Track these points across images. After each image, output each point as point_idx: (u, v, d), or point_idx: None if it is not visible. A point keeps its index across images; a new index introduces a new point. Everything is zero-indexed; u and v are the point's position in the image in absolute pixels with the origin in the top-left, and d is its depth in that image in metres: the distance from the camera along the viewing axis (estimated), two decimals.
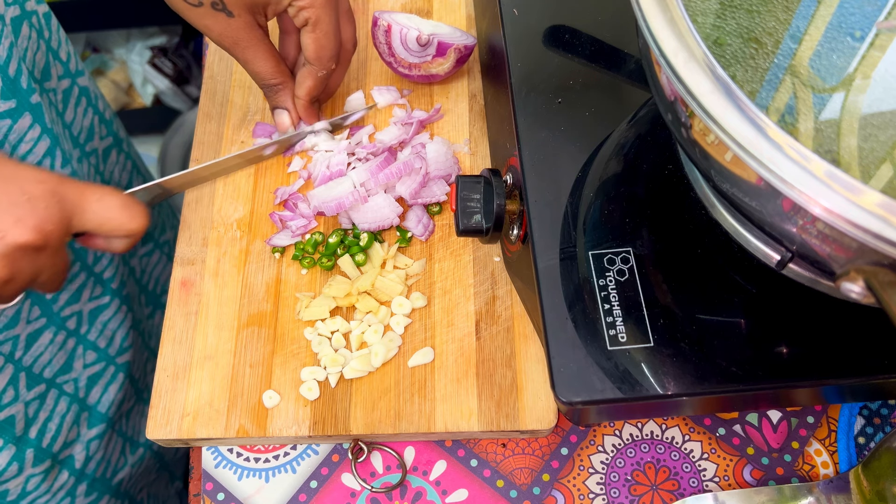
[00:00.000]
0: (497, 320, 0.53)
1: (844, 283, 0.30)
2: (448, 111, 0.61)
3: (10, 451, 0.59)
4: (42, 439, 0.63)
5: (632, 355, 0.40)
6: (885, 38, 0.36)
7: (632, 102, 0.49)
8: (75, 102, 0.65)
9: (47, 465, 0.63)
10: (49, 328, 0.62)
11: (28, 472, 0.62)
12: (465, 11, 0.66)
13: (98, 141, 0.71)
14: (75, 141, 0.66)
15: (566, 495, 0.50)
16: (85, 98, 0.67)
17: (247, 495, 0.51)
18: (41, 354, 0.62)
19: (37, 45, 0.59)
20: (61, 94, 0.63)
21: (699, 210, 0.44)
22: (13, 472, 0.60)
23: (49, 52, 0.61)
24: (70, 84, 0.64)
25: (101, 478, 0.71)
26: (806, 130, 0.34)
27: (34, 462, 0.62)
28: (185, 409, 0.51)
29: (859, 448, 0.50)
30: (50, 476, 0.64)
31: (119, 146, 0.76)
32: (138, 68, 1.52)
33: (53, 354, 0.63)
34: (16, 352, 0.59)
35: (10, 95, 0.53)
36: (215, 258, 0.56)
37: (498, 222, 0.48)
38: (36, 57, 0.58)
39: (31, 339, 0.60)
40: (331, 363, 0.51)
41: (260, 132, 0.61)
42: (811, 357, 0.41)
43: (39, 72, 0.59)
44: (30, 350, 0.60)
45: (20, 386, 0.60)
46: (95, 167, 0.70)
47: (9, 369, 0.58)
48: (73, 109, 0.65)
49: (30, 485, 0.62)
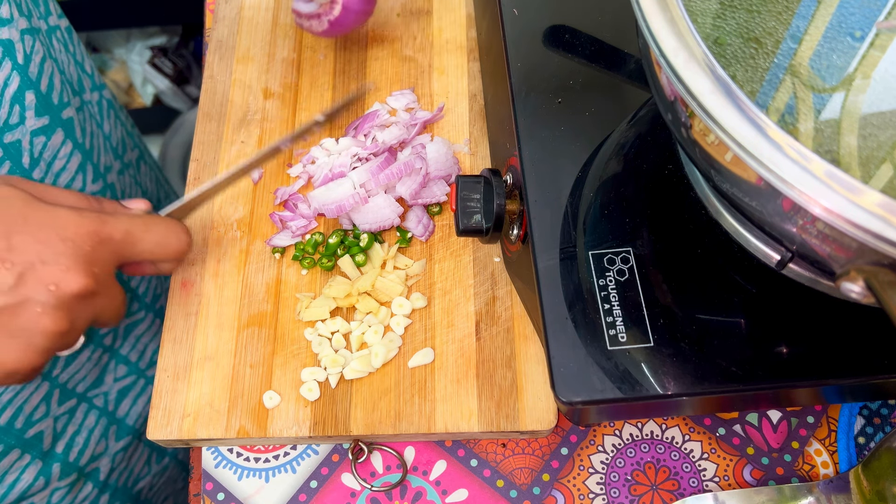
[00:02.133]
0: (497, 321, 0.53)
1: (844, 283, 0.30)
2: (448, 111, 0.61)
3: (36, 466, 0.59)
4: (69, 453, 0.62)
5: (632, 355, 0.40)
6: (885, 38, 0.36)
7: (632, 102, 0.49)
8: (106, 115, 0.65)
9: (73, 479, 0.63)
10: (88, 346, 0.62)
11: (54, 485, 0.61)
12: (464, 11, 0.66)
13: (130, 152, 0.71)
14: (115, 153, 0.66)
15: (566, 495, 0.50)
16: (113, 111, 0.67)
17: (247, 495, 0.51)
18: (77, 371, 0.61)
19: (67, 58, 0.58)
20: (96, 106, 0.63)
21: (699, 210, 0.44)
22: (39, 486, 0.60)
23: (77, 65, 0.61)
24: (99, 97, 0.64)
25: (122, 487, 0.71)
26: (806, 130, 0.34)
27: (60, 476, 0.61)
28: (185, 410, 0.51)
29: (859, 448, 0.50)
30: (74, 489, 0.64)
31: (144, 157, 0.76)
32: (138, 68, 1.52)
33: (88, 371, 0.63)
34: (53, 370, 0.58)
35: (44, 112, 0.53)
36: (215, 258, 0.56)
37: (498, 222, 0.48)
38: (70, 69, 0.58)
39: (70, 359, 0.60)
40: (331, 364, 0.51)
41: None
42: (811, 357, 0.41)
43: (77, 84, 0.59)
44: (67, 368, 0.60)
45: (52, 402, 0.59)
46: (134, 178, 0.70)
47: (44, 387, 0.58)
48: (108, 121, 0.65)
49: (55, 497, 0.62)
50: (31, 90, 0.51)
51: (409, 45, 0.65)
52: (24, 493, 0.59)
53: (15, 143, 0.51)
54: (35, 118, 0.52)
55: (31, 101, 0.51)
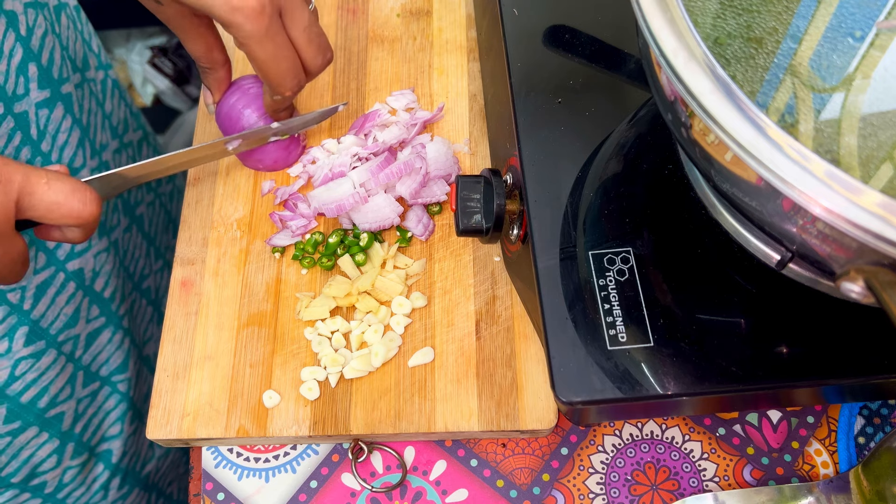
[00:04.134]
0: (497, 320, 0.53)
1: (844, 283, 0.30)
2: (448, 111, 0.61)
3: (53, 444, 0.60)
4: (84, 434, 0.63)
5: (632, 355, 0.40)
6: (885, 37, 0.36)
7: (632, 102, 0.49)
8: (111, 94, 0.66)
9: (84, 458, 0.64)
10: (108, 327, 0.62)
11: (66, 464, 0.62)
12: (464, 11, 0.66)
13: (132, 133, 0.71)
14: (114, 131, 0.66)
15: (566, 495, 0.50)
16: (118, 91, 0.67)
17: (247, 495, 0.51)
18: (99, 353, 0.62)
19: (75, 35, 0.59)
20: (100, 84, 0.63)
21: (699, 210, 0.44)
22: (52, 463, 0.61)
23: (84, 43, 0.61)
24: (104, 76, 0.65)
25: (132, 470, 0.72)
26: (806, 130, 0.34)
27: (73, 455, 0.62)
28: (185, 409, 0.51)
29: (859, 448, 0.50)
30: (85, 469, 0.65)
31: (148, 140, 0.77)
32: (138, 68, 1.52)
33: (111, 353, 0.64)
34: (76, 351, 0.59)
35: (45, 85, 0.53)
36: (215, 258, 0.56)
37: (498, 222, 0.48)
38: (76, 46, 0.58)
39: (90, 339, 0.60)
40: (331, 363, 0.51)
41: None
42: (811, 357, 0.41)
43: (81, 61, 0.59)
44: (89, 349, 0.61)
45: (77, 384, 0.60)
46: (133, 159, 0.70)
47: (69, 369, 0.58)
48: (111, 101, 0.65)
49: (66, 476, 0.63)
50: (33, 62, 0.51)
51: (409, 45, 0.65)
52: (36, 469, 0.59)
53: (23, 114, 0.51)
54: (38, 90, 0.52)
55: (33, 73, 0.52)
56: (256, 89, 0.56)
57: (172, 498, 0.83)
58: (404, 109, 0.61)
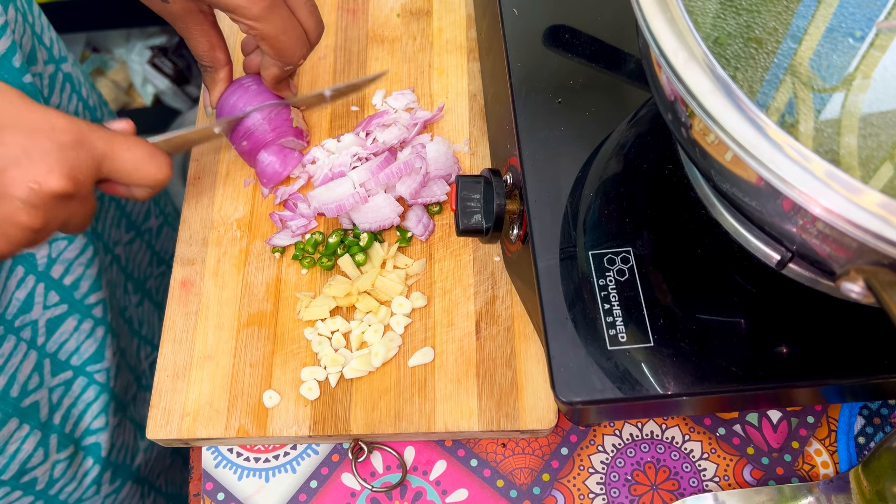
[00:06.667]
0: (497, 320, 0.53)
1: (844, 283, 0.30)
2: (448, 111, 0.61)
3: (35, 436, 0.60)
4: (65, 425, 0.63)
5: (632, 355, 0.40)
6: (885, 37, 0.36)
7: (632, 102, 0.49)
8: (60, 88, 0.66)
9: (71, 451, 0.64)
10: (72, 315, 0.62)
11: (53, 458, 0.62)
12: (464, 11, 0.66)
13: None
14: None
15: (566, 495, 0.50)
16: (69, 84, 0.67)
17: (247, 495, 0.51)
18: (66, 341, 0.62)
19: (23, 28, 0.59)
20: (47, 78, 0.63)
21: (699, 210, 0.44)
22: (39, 458, 0.61)
23: (34, 36, 0.61)
24: (55, 70, 0.65)
25: (122, 464, 0.72)
26: (806, 130, 0.34)
27: (58, 447, 0.63)
28: (185, 409, 0.51)
29: (859, 448, 0.50)
30: (74, 463, 0.65)
31: None
32: (138, 68, 1.52)
33: (80, 342, 0.63)
34: (37, 337, 0.59)
35: (4, 75, 0.53)
36: (215, 258, 0.56)
37: (498, 222, 0.48)
38: (23, 40, 0.58)
39: (51, 325, 0.60)
40: (331, 363, 0.51)
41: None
42: (811, 357, 0.41)
43: (25, 56, 0.59)
44: (52, 336, 0.61)
45: (45, 372, 0.60)
46: None
47: (32, 356, 0.58)
48: (59, 95, 0.65)
49: (56, 471, 0.63)
50: None
51: (409, 45, 0.65)
52: (24, 465, 0.59)
53: None
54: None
55: None
56: (257, 87, 0.56)
57: (162, 490, 0.83)
58: (404, 109, 0.61)
